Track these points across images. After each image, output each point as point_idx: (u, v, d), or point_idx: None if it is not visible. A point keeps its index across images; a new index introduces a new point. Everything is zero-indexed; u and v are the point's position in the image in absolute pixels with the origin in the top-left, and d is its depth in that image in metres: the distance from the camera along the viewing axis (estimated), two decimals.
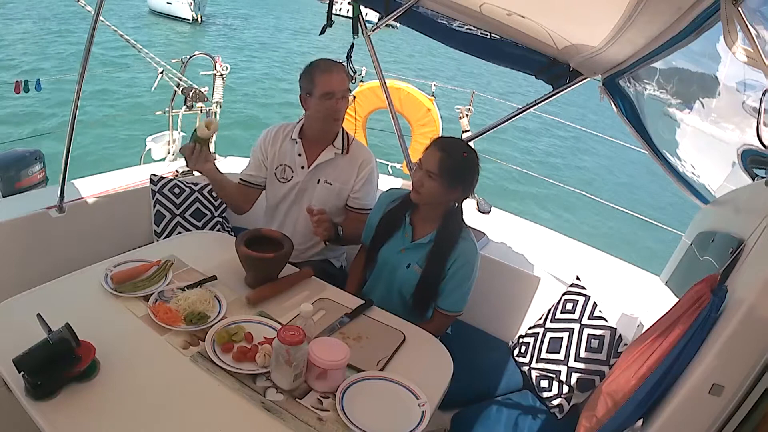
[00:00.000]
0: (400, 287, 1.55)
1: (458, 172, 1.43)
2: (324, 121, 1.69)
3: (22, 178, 2.47)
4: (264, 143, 1.79)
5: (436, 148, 1.43)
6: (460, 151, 1.45)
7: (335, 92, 1.62)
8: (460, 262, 1.48)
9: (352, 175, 1.76)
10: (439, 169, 1.41)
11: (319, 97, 1.62)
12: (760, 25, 0.80)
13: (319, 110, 1.65)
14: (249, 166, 1.82)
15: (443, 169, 1.41)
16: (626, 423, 0.99)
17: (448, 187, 1.43)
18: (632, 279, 2.16)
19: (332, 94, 1.62)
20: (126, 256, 1.42)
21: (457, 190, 1.46)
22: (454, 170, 1.42)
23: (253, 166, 1.81)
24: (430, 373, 1.22)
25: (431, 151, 1.43)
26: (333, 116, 1.67)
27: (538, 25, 1.51)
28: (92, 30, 1.69)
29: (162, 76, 2.96)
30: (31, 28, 14.19)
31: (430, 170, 1.42)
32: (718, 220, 1.25)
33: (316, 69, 1.63)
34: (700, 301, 0.88)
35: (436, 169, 1.41)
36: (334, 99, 1.63)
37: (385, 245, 1.58)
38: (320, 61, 1.66)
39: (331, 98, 1.62)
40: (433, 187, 1.43)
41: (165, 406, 0.98)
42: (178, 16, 19.68)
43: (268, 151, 1.78)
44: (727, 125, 1.27)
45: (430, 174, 1.42)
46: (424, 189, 1.44)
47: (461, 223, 1.52)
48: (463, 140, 1.56)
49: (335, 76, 1.62)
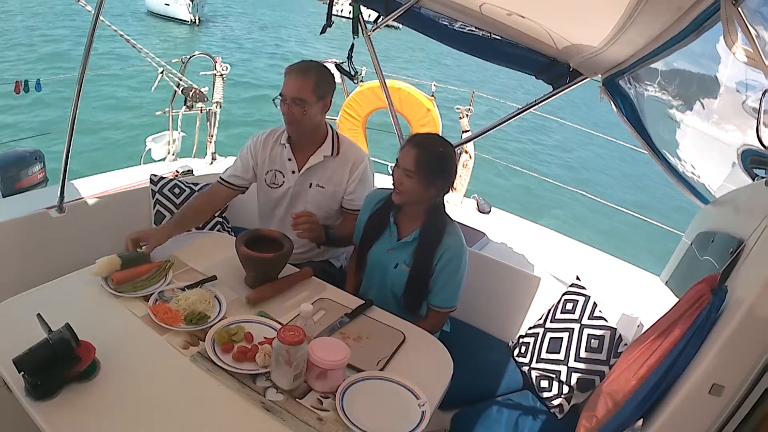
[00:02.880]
0: (392, 287, 1.55)
1: (435, 167, 1.42)
2: (286, 124, 1.65)
3: (22, 178, 2.47)
4: (254, 148, 1.76)
5: (411, 144, 1.43)
6: (435, 146, 1.44)
7: (285, 96, 1.58)
8: (447, 256, 1.47)
9: (345, 177, 1.73)
10: (416, 166, 1.40)
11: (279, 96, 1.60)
12: (760, 26, 0.80)
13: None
14: (236, 168, 1.77)
15: (420, 166, 1.40)
16: (626, 423, 0.99)
17: (427, 183, 1.42)
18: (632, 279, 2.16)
19: (283, 96, 1.59)
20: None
21: (437, 185, 1.45)
22: (430, 166, 1.41)
23: (241, 169, 1.76)
24: (430, 373, 1.22)
25: (407, 149, 1.43)
26: (285, 119, 1.63)
27: (538, 25, 1.51)
28: (92, 30, 1.69)
29: (162, 76, 2.96)
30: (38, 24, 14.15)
31: (407, 168, 1.41)
32: (718, 220, 1.25)
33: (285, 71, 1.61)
34: (700, 301, 0.88)
35: (412, 166, 1.40)
36: (284, 102, 1.59)
37: (373, 246, 1.58)
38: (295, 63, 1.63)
39: (283, 101, 1.59)
40: (412, 184, 1.42)
41: (165, 406, 0.98)
42: (176, 17, 19.60)
43: (258, 156, 1.76)
44: (728, 126, 1.27)
45: (408, 172, 1.41)
46: (403, 187, 1.43)
47: (445, 217, 1.52)
48: (438, 135, 1.54)
49: (289, 81, 1.57)
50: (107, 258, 1.30)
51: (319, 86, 1.59)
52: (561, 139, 12.99)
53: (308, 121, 1.63)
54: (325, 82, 1.62)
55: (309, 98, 1.58)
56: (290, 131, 1.69)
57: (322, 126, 1.73)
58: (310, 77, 1.57)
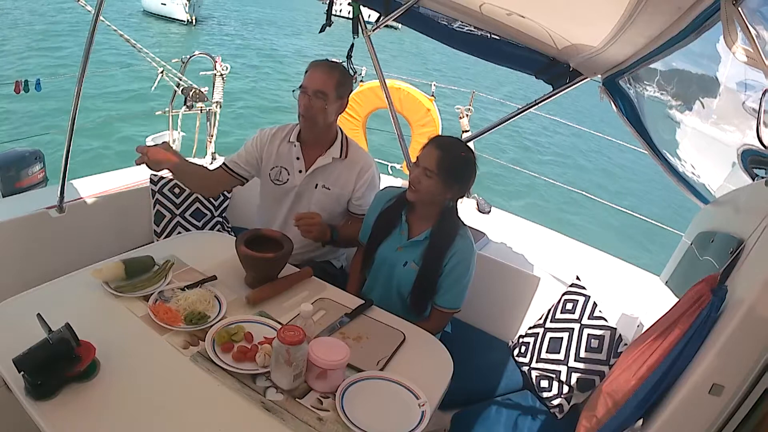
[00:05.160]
0: (398, 285, 1.56)
1: (456, 171, 1.44)
2: (300, 115, 1.66)
3: (22, 178, 2.47)
4: (261, 141, 1.76)
5: (434, 146, 1.44)
6: (458, 149, 1.46)
7: (307, 87, 1.60)
8: (457, 258, 1.49)
9: (351, 180, 1.74)
10: (438, 167, 1.41)
11: (299, 89, 1.62)
12: (760, 25, 0.80)
13: (297, 104, 1.64)
14: (239, 156, 1.77)
15: (441, 168, 1.41)
16: (626, 423, 0.99)
17: (445, 185, 1.44)
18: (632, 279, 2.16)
19: (305, 88, 1.60)
20: (126, 256, 1.41)
21: (454, 189, 1.47)
22: (451, 169, 1.43)
23: (244, 159, 1.76)
24: (430, 373, 1.22)
25: (429, 149, 1.44)
26: (300, 111, 1.64)
27: (538, 25, 1.51)
28: (92, 30, 1.69)
29: (162, 75, 2.96)
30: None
31: (428, 168, 1.42)
32: (718, 220, 1.25)
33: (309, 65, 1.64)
34: (700, 301, 0.88)
35: (434, 167, 1.41)
36: (305, 94, 1.61)
37: (382, 244, 1.59)
38: (317, 60, 1.65)
39: (304, 93, 1.61)
40: (430, 185, 1.43)
41: (165, 406, 0.98)
42: (173, 17, 19.57)
43: (264, 150, 1.76)
44: (727, 126, 1.27)
45: (428, 172, 1.42)
46: (421, 186, 1.45)
47: (457, 220, 1.53)
48: (461, 140, 1.56)
49: (315, 74, 1.60)
50: (113, 264, 1.30)
51: (341, 85, 1.62)
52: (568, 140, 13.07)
53: (324, 119, 1.65)
54: (347, 83, 1.66)
55: (331, 94, 1.60)
56: (304, 126, 1.69)
57: (333, 127, 1.74)
58: (335, 74, 1.61)
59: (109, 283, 1.28)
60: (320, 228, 1.62)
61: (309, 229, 1.60)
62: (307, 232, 1.60)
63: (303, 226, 1.59)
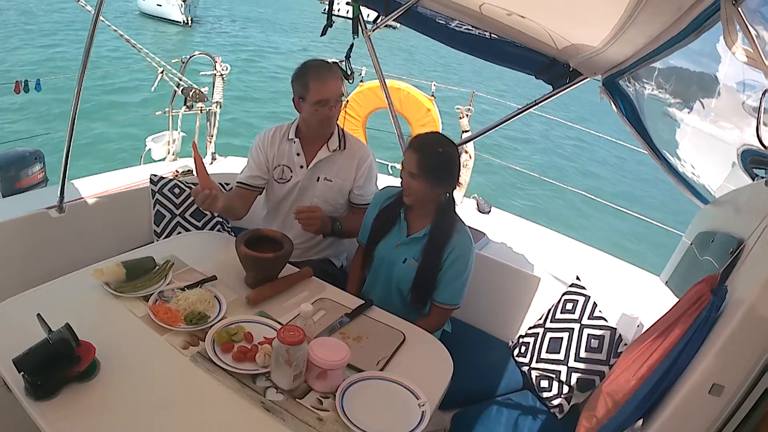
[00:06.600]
0: (398, 283, 1.57)
1: (437, 169, 1.46)
2: (319, 126, 1.69)
3: (22, 178, 2.47)
4: (263, 145, 1.78)
5: (413, 149, 1.47)
6: (434, 147, 1.47)
7: (329, 100, 1.62)
8: (455, 254, 1.50)
9: (352, 171, 1.77)
10: (419, 169, 1.44)
11: (312, 104, 1.62)
12: (760, 25, 0.80)
13: (312, 116, 1.65)
14: (250, 168, 1.80)
15: (422, 169, 1.44)
16: (626, 423, 0.99)
17: (432, 184, 1.46)
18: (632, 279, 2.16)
19: (326, 101, 1.62)
20: (126, 256, 1.41)
21: (442, 184, 1.49)
22: (432, 167, 1.45)
23: (255, 168, 1.79)
24: (430, 373, 1.22)
25: (409, 153, 1.47)
26: (326, 122, 1.68)
27: (537, 25, 1.51)
28: (92, 30, 1.69)
29: (162, 76, 2.96)
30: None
31: (411, 171, 1.46)
32: (718, 220, 1.25)
33: (310, 75, 1.61)
34: (700, 301, 0.88)
35: (415, 169, 1.44)
36: (327, 107, 1.62)
37: (381, 242, 1.60)
38: (312, 64, 1.65)
39: (325, 106, 1.62)
40: (418, 186, 1.46)
41: (165, 406, 0.98)
42: (169, 18, 19.53)
43: (267, 152, 1.78)
44: (727, 125, 1.27)
45: (413, 175, 1.45)
46: (411, 189, 1.48)
47: (454, 215, 1.55)
48: (438, 133, 1.58)
49: (330, 83, 1.61)
50: (114, 266, 1.29)
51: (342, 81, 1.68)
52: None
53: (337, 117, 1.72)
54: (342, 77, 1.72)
55: (344, 92, 1.67)
56: (322, 131, 1.73)
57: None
58: (338, 74, 1.66)
59: (110, 283, 1.28)
60: (321, 221, 1.65)
61: (310, 223, 1.63)
62: (308, 225, 1.64)
63: (304, 220, 1.62)
